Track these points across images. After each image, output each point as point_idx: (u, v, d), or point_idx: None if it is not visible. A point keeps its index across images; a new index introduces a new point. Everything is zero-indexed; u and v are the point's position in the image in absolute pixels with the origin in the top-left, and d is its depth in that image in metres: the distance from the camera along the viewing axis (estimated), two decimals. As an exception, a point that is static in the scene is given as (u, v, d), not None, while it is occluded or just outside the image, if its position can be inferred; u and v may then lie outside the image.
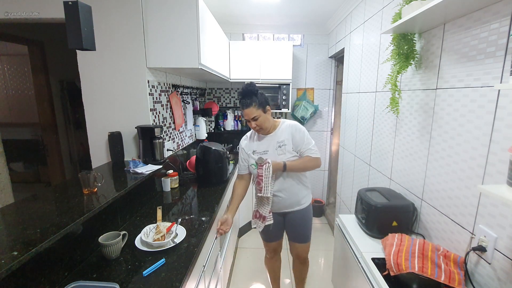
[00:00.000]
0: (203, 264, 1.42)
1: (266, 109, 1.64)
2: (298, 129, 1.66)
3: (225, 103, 3.75)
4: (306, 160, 1.64)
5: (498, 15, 0.97)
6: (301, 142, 1.64)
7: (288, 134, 1.65)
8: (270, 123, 1.67)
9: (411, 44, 1.45)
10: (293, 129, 1.66)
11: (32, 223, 1.03)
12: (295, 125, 1.68)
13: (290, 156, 1.64)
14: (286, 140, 1.65)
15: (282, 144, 1.65)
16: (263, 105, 1.62)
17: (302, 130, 1.67)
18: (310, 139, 1.67)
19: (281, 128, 1.69)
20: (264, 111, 1.63)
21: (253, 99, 1.59)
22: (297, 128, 1.66)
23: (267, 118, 1.64)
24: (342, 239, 1.64)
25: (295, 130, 1.65)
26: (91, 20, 1.20)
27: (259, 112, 1.60)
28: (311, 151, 1.64)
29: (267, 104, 1.65)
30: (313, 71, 3.65)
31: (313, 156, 1.64)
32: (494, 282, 0.99)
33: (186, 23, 1.84)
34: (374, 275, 1.18)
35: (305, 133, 1.67)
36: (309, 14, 3.06)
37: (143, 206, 1.72)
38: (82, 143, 3.37)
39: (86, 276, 1.06)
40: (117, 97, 1.94)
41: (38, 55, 2.91)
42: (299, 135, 1.65)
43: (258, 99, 1.60)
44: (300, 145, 1.64)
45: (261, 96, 1.63)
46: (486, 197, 1.03)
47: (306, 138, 1.65)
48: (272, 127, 1.70)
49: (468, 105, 1.12)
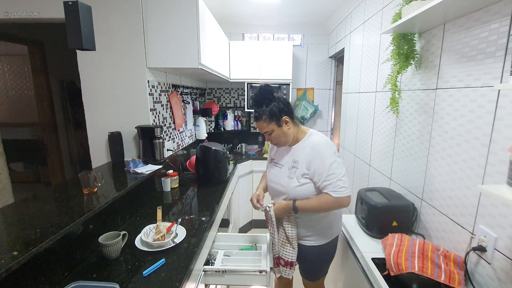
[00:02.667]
0: (203, 264, 1.42)
1: (281, 122, 1.28)
2: (320, 153, 1.25)
3: (225, 103, 3.75)
4: (323, 202, 1.25)
5: (498, 15, 0.97)
6: (321, 173, 1.23)
7: (306, 154, 1.29)
8: (290, 136, 1.32)
9: (411, 44, 1.45)
10: (313, 151, 1.27)
11: (32, 223, 1.02)
12: (317, 146, 1.27)
13: (302, 184, 1.29)
14: (302, 162, 1.29)
15: (295, 165, 1.31)
16: (276, 117, 1.27)
17: (324, 155, 1.23)
18: (336, 169, 1.22)
19: (303, 143, 1.33)
20: (279, 124, 1.28)
21: (264, 110, 1.27)
22: (319, 152, 1.25)
23: (283, 133, 1.30)
24: (342, 239, 1.64)
25: (315, 154, 1.26)
26: (91, 20, 1.20)
27: (272, 127, 1.28)
28: (332, 188, 1.21)
29: (283, 115, 1.28)
30: (313, 71, 3.65)
31: (334, 196, 1.21)
32: (494, 282, 0.99)
33: (186, 23, 1.84)
34: (374, 275, 1.18)
35: (327, 159, 1.23)
36: (309, 14, 3.06)
37: (143, 206, 1.72)
38: (82, 143, 3.37)
39: (86, 276, 1.06)
40: (117, 97, 1.94)
41: (38, 55, 2.91)
42: (319, 162, 1.24)
43: (270, 111, 1.27)
44: (319, 177, 1.24)
45: (275, 105, 1.28)
46: (486, 197, 1.03)
47: (329, 168, 1.22)
48: (295, 139, 1.35)
49: (468, 105, 1.12)
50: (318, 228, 1.37)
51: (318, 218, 1.35)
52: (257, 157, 3.25)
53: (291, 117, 1.31)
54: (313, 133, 1.35)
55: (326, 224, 1.37)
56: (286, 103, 1.31)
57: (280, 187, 1.37)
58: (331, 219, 1.38)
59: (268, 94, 1.30)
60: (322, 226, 1.37)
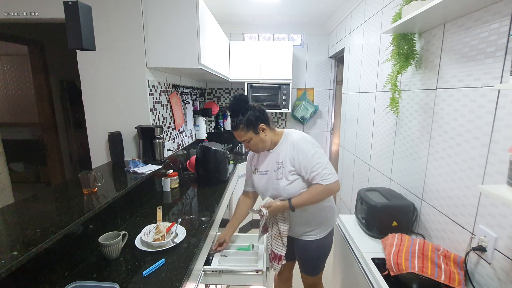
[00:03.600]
0: (203, 264, 1.42)
1: (258, 129, 1.33)
2: (300, 148, 1.31)
3: (225, 103, 3.75)
4: (315, 193, 1.30)
5: (498, 15, 0.97)
6: (306, 166, 1.29)
7: (287, 153, 1.34)
8: (267, 142, 1.37)
9: (411, 44, 1.45)
10: (294, 148, 1.32)
11: (32, 223, 1.02)
12: (296, 143, 1.33)
13: (291, 181, 1.33)
14: (285, 161, 1.34)
15: (280, 166, 1.35)
16: (253, 125, 1.31)
17: (305, 149, 1.30)
18: (319, 159, 1.28)
19: (282, 144, 1.38)
20: (256, 132, 1.33)
21: (240, 119, 1.31)
22: (299, 148, 1.31)
23: (261, 139, 1.34)
24: (342, 239, 1.64)
25: (297, 151, 1.31)
26: (91, 20, 1.20)
27: (250, 135, 1.33)
28: (320, 177, 1.27)
29: (259, 123, 1.33)
30: (313, 71, 3.65)
31: (324, 184, 1.26)
32: (494, 282, 0.99)
33: (186, 23, 1.84)
34: (374, 275, 1.18)
35: (309, 152, 1.29)
36: (309, 14, 3.06)
37: (143, 206, 1.72)
38: (82, 143, 3.37)
39: (86, 276, 1.06)
40: (117, 97, 1.94)
41: (38, 55, 2.91)
42: (302, 157, 1.30)
43: (246, 119, 1.31)
44: (306, 170, 1.30)
45: (252, 113, 1.32)
46: (486, 197, 1.03)
47: (312, 160, 1.28)
48: (273, 143, 1.39)
49: (468, 105, 1.12)
50: (316, 222, 1.42)
51: (315, 212, 1.40)
52: (257, 157, 3.25)
53: (267, 123, 1.36)
54: (289, 132, 1.40)
55: (323, 217, 1.43)
56: (262, 111, 1.36)
57: (272, 191, 1.40)
58: (328, 211, 1.44)
59: (243, 103, 1.34)
60: (320, 220, 1.43)
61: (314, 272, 1.54)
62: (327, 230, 1.46)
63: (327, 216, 1.45)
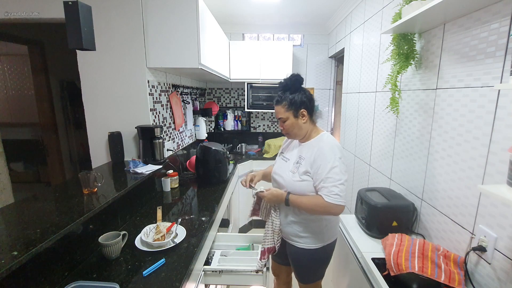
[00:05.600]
0: (203, 264, 1.42)
1: (299, 113, 1.29)
2: (324, 155, 1.23)
3: (225, 103, 3.75)
4: (314, 202, 1.23)
5: (498, 15, 0.97)
6: (320, 174, 1.23)
7: (312, 153, 1.28)
8: (302, 130, 1.32)
9: (411, 44, 1.45)
10: (319, 151, 1.26)
11: (32, 223, 1.02)
12: (323, 148, 1.26)
13: (301, 180, 1.29)
14: (306, 160, 1.29)
15: (300, 162, 1.32)
16: (295, 107, 1.28)
17: (327, 158, 1.22)
18: (335, 175, 1.20)
19: (312, 143, 1.33)
20: (296, 115, 1.29)
21: (286, 96, 1.29)
22: (323, 154, 1.24)
23: (297, 124, 1.30)
24: (342, 239, 1.64)
25: (320, 155, 1.25)
26: (91, 20, 1.20)
27: (288, 115, 1.29)
28: (326, 191, 1.20)
29: (302, 107, 1.29)
30: (313, 71, 3.65)
31: (326, 200, 1.19)
32: (494, 282, 0.99)
33: (186, 23, 1.84)
34: (374, 275, 1.18)
35: (329, 163, 1.21)
36: (309, 14, 3.06)
37: (143, 206, 1.72)
38: (82, 143, 3.37)
39: (86, 276, 1.06)
40: (117, 97, 1.94)
41: (38, 55, 2.91)
42: (320, 163, 1.23)
43: (291, 98, 1.28)
44: (317, 177, 1.24)
45: (299, 95, 1.29)
46: (486, 197, 1.03)
47: (328, 172, 1.20)
48: (307, 137, 1.36)
49: (468, 105, 1.12)
50: (309, 230, 1.34)
51: (310, 220, 1.33)
52: (257, 157, 3.25)
53: (310, 113, 1.33)
54: (325, 135, 1.34)
55: (317, 228, 1.34)
56: (310, 98, 1.32)
57: (281, 179, 1.37)
58: (323, 225, 1.34)
59: (296, 83, 1.31)
60: (314, 230, 1.34)
61: (306, 280, 1.46)
62: (322, 243, 1.36)
63: (322, 229, 1.35)
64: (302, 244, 1.36)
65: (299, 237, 1.36)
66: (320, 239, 1.35)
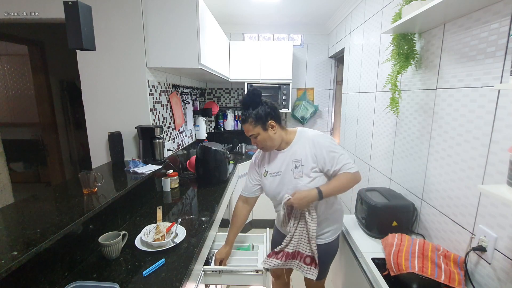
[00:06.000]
0: (203, 264, 1.42)
1: (267, 126, 1.28)
2: (322, 144, 1.28)
3: (225, 103, 3.75)
4: (344, 179, 1.26)
5: (498, 15, 0.97)
6: (331, 160, 1.26)
7: (308, 150, 1.29)
8: (276, 141, 1.32)
9: (411, 44, 1.45)
10: (315, 145, 1.28)
11: (32, 223, 1.03)
12: (315, 139, 1.30)
13: (313, 178, 1.28)
14: (304, 159, 1.29)
15: (299, 164, 1.30)
16: (262, 121, 1.27)
17: (327, 144, 1.27)
18: (340, 152, 1.28)
19: (298, 142, 1.33)
20: (264, 128, 1.28)
21: (250, 113, 1.28)
22: (320, 143, 1.28)
23: (269, 137, 1.29)
24: (342, 239, 1.64)
25: (319, 147, 1.28)
26: (91, 20, 1.20)
27: (258, 130, 1.28)
28: (347, 167, 1.27)
29: (269, 119, 1.28)
30: (313, 71, 3.65)
31: (351, 171, 1.26)
32: (494, 282, 0.99)
33: (186, 23, 1.84)
34: (374, 275, 1.18)
35: (331, 146, 1.27)
36: (309, 14, 3.06)
37: (143, 206, 1.72)
38: (82, 143, 3.37)
39: (86, 276, 1.06)
40: (117, 97, 1.94)
41: (38, 55, 2.91)
42: (325, 151, 1.27)
43: (256, 114, 1.27)
44: (331, 163, 1.27)
45: (262, 109, 1.28)
46: (486, 197, 1.03)
47: (335, 153, 1.27)
48: (284, 143, 1.35)
49: (468, 105, 1.12)
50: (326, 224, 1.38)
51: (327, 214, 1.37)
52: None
53: (277, 121, 1.32)
54: (304, 130, 1.38)
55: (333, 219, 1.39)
56: (273, 108, 1.31)
57: (288, 192, 1.31)
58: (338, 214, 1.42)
59: (255, 97, 1.30)
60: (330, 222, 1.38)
61: (322, 275, 1.44)
62: (336, 233, 1.42)
63: (337, 219, 1.42)
64: (323, 240, 1.38)
65: (322, 234, 1.38)
66: (336, 230, 1.42)
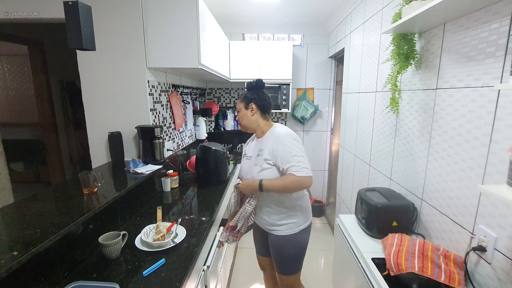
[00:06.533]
0: (203, 264, 1.42)
1: (248, 106, 1.49)
2: (281, 140, 1.37)
3: (225, 103, 3.75)
4: (286, 181, 1.33)
5: (498, 15, 0.97)
6: (283, 157, 1.35)
7: (269, 143, 1.42)
8: (252, 123, 1.51)
9: (411, 44, 1.45)
10: (276, 140, 1.39)
11: (32, 223, 1.03)
12: (279, 136, 1.40)
13: (263, 169, 1.41)
14: (265, 150, 1.42)
15: (260, 154, 1.45)
16: (246, 101, 1.50)
17: (285, 142, 1.36)
18: (296, 153, 1.34)
19: (267, 135, 1.48)
20: (246, 107, 1.50)
21: (245, 93, 1.53)
22: (280, 140, 1.38)
23: (246, 115, 1.50)
24: (342, 239, 1.64)
25: (277, 142, 1.38)
26: (91, 20, 1.20)
27: (241, 106, 1.51)
28: (295, 168, 1.31)
29: (251, 101, 1.49)
30: (313, 71, 3.65)
31: (296, 174, 1.30)
32: (494, 282, 0.99)
33: (186, 23, 1.84)
34: (374, 275, 1.18)
35: (288, 145, 1.35)
36: (309, 14, 3.06)
37: (143, 206, 1.72)
38: (82, 143, 3.36)
39: (86, 276, 1.06)
40: (117, 97, 1.94)
41: (38, 55, 2.90)
42: (281, 148, 1.36)
43: (246, 94, 1.52)
44: (282, 161, 1.35)
45: (255, 93, 1.50)
46: (486, 197, 1.03)
47: (290, 152, 1.34)
48: (261, 131, 1.52)
49: (468, 105, 1.12)
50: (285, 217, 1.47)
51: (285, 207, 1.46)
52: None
53: (261, 109, 1.50)
54: (276, 126, 1.50)
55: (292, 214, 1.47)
56: (262, 99, 1.50)
57: (249, 175, 1.50)
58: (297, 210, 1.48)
59: (258, 86, 1.52)
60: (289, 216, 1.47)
61: (288, 271, 1.54)
62: (293, 229, 1.47)
63: (296, 216, 1.48)
64: (281, 232, 1.47)
65: (277, 225, 1.48)
66: (296, 224, 1.48)
